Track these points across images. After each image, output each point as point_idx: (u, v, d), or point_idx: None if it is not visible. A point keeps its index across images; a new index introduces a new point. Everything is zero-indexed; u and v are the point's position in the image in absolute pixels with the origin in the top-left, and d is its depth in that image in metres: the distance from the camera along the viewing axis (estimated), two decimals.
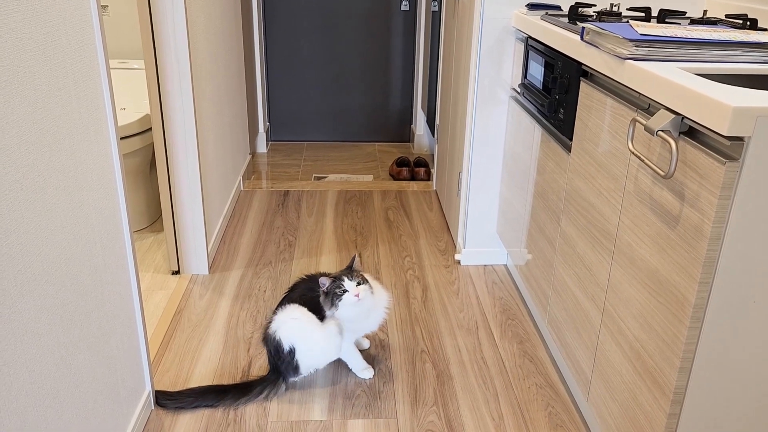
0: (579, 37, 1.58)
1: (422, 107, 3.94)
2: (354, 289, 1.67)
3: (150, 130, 2.57)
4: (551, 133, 1.84)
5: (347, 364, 1.86)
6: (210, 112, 2.49)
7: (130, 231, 1.54)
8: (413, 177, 3.51)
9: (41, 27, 1.11)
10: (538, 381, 1.85)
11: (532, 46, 1.98)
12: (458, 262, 2.53)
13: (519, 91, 2.15)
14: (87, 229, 1.30)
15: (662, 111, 1.17)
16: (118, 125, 1.77)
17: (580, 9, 1.90)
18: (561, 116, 1.73)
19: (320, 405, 1.74)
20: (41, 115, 1.11)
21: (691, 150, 1.10)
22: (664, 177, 1.13)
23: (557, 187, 1.77)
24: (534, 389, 1.82)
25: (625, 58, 1.32)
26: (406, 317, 2.15)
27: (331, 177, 3.54)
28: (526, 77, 2.06)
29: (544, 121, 1.91)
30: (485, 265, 2.51)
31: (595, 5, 1.97)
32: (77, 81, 1.26)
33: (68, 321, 1.22)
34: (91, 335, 1.32)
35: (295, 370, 1.75)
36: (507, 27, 2.19)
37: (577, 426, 1.68)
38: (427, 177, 3.51)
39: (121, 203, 1.49)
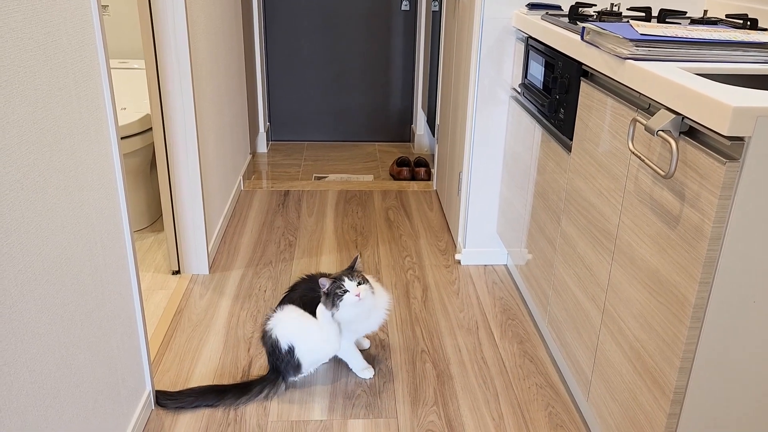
0: (579, 37, 1.58)
1: (422, 107, 3.94)
2: (355, 289, 1.67)
3: (150, 129, 2.57)
4: (551, 133, 1.84)
5: (347, 364, 1.86)
6: (210, 111, 2.49)
7: (131, 231, 1.54)
8: (413, 177, 3.51)
9: (42, 27, 1.11)
10: (538, 381, 1.85)
11: (533, 46, 1.98)
12: (458, 262, 2.53)
13: (519, 91, 2.15)
14: (87, 228, 1.30)
15: (662, 111, 1.17)
16: (119, 125, 1.77)
17: (580, 9, 1.90)
18: (561, 116, 1.73)
19: (320, 405, 1.74)
20: (42, 115, 1.11)
21: (691, 150, 1.10)
22: (664, 177, 1.13)
23: (557, 187, 1.77)
24: (534, 389, 1.82)
25: (625, 58, 1.32)
26: (406, 317, 2.15)
27: (332, 177, 3.54)
28: (526, 77, 2.06)
29: (544, 121, 1.91)
30: (485, 265, 2.51)
31: (595, 5, 1.97)
32: (78, 81, 1.26)
33: (69, 321, 1.22)
34: (91, 335, 1.32)
35: (296, 369, 1.76)
36: (507, 27, 2.19)
37: (577, 426, 1.69)
38: (428, 177, 3.51)
39: (121, 203, 1.49)
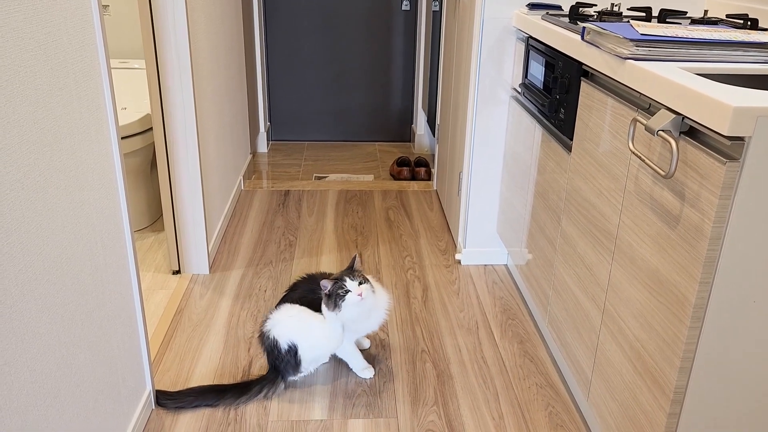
0: (580, 36, 1.58)
1: (423, 107, 3.94)
2: (357, 289, 1.67)
3: (151, 129, 2.57)
4: (552, 133, 1.84)
5: (348, 364, 1.86)
6: (211, 111, 2.50)
7: (131, 230, 1.54)
8: (414, 177, 3.51)
9: (42, 27, 1.12)
10: (538, 381, 1.85)
11: (533, 45, 1.98)
12: (459, 261, 2.53)
13: (519, 90, 2.15)
14: (88, 228, 1.30)
15: (663, 111, 1.17)
16: (119, 125, 1.78)
17: (580, 9, 1.90)
18: (561, 116, 1.73)
19: (321, 404, 1.74)
20: (42, 115, 1.12)
21: (691, 150, 1.10)
22: (664, 177, 1.13)
23: (558, 186, 1.77)
24: (534, 389, 1.82)
25: (625, 58, 1.32)
26: (406, 317, 2.15)
27: (332, 177, 3.54)
28: (526, 77, 2.06)
29: (544, 120, 1.91)
30: (486, 265, 2.51)
31: (595, 5, 1.97)
32: (78, 80, 1.26)
33: (69, 320, 1.22)
34: (91, 335, 1.32)
35: (296, 368, 1.76)
36: (508, 27, 2.19)
37: (578, 426, 1.69)
38: (428, 177, 3.51)
39: (121, 203, 1.49)
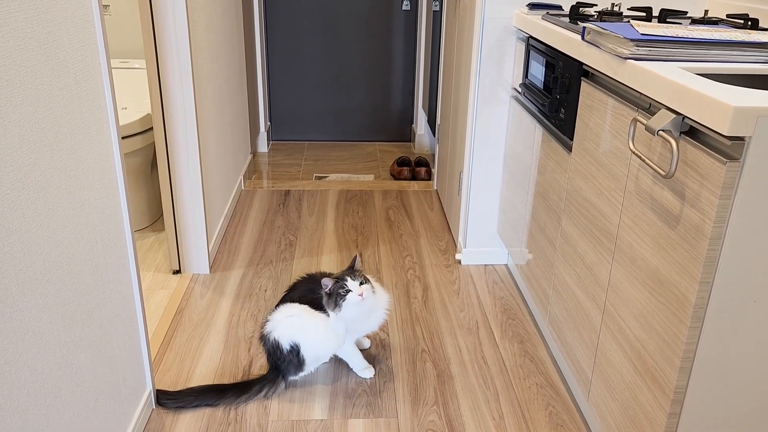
0: (580, 36, 1.58)
1: (423, 107, 3.94)
2: (357, 289, 1.67)
3: (151, 129, 2.57)
4: (552, 133, 1.84)
5: (348, 364, 1.86)
6: (211, 111, 2.50)
7: (131, 230, 1.54)
8: (414, 177, 3.51)
9: (43, 26, 1.12)
10: (538, 380, 1.85)
11: (533, 45, 1.98)
12: (459, 261, 2.53)
13: (520, 90, 2.15)
14: (88, 228, 1.31)
15: (663, 111, 1.17)
16: (120, 125, 1.77)
17: (581, 9, 1.90)
18: (562, 116, 1.73)
19: (321, 404, 1.74)
20: (43, 115, 1.12)
21: (691, 150, 1.10)
22: (664, 177, 1.13)
23: (558, 186, 1.77)
24: (534, 389, 1.82)
25: (626, 58, 1.32)
26: (406, 317, 2.15)
27: (332, 176, 3.54)
28: (527, 77, 2.06)
29: (545, 120, 1.91)
30: (486, 265, 2.51)
31: (596, 5, 1.97)
32: (79, 80, 1.26)
33: (69, 320, 1.22)
34: (92, 334, 1.32)
35: (298, 367, 1.76)
36: (508, 27, 2.19)
37: (578, 425, 1.69)
38: (428, 177, 3.51)
39: (122, 202, 1.49)
